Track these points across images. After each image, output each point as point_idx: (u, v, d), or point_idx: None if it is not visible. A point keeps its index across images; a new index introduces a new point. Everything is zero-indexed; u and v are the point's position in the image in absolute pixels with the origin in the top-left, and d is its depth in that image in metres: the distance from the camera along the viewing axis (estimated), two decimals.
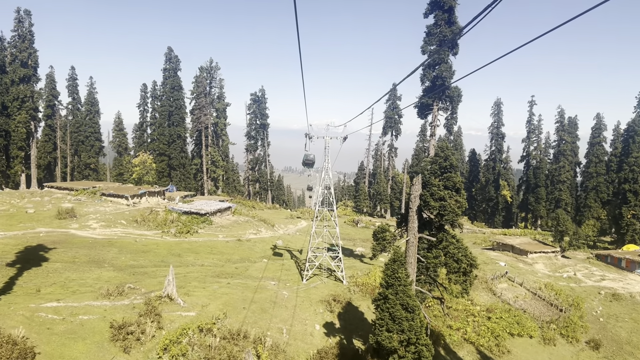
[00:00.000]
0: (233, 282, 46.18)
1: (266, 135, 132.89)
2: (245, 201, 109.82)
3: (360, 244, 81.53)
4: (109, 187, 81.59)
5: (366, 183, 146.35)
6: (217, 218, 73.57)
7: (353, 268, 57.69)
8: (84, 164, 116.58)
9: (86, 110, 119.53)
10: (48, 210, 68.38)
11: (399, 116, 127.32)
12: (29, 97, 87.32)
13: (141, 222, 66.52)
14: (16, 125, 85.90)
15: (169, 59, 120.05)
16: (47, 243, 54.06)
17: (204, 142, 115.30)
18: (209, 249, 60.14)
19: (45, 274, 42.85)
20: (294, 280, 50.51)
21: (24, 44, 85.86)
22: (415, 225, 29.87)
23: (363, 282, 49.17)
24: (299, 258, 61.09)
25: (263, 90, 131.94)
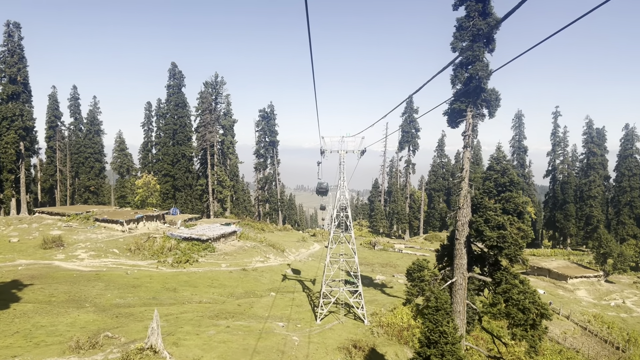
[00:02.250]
0: (234, 324, 38.81)
1: (276, 153, 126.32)
2: (254, 223, 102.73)
3: (380, 270, 73.82)
4: (103, 211, 75.12)
5: (382, 201, 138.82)
6: (220, 244, 66.48)
7: (375, 302, 50.04)
8: (83, 186, 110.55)
9: (86, 130, 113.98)
10: (34, 239, 61.88)
11: (416, 130, 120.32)
12: (18, 115, 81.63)
13: (135, 251, 59.62)
14: (4, 147, 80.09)
15: (172, 75, 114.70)
16: (23, 278, 47.32)
17: (209, 161, 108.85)
18: (209, 282, 52.92)
19: (10, 320, 35.89)
20: (306, 319, 43.01)
21: (13, 58, 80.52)
22: (464, 262, 22.48)
23: (388, 322, 41.47)
24: (312, 290, 53.61)
25: (272, 107, 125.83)
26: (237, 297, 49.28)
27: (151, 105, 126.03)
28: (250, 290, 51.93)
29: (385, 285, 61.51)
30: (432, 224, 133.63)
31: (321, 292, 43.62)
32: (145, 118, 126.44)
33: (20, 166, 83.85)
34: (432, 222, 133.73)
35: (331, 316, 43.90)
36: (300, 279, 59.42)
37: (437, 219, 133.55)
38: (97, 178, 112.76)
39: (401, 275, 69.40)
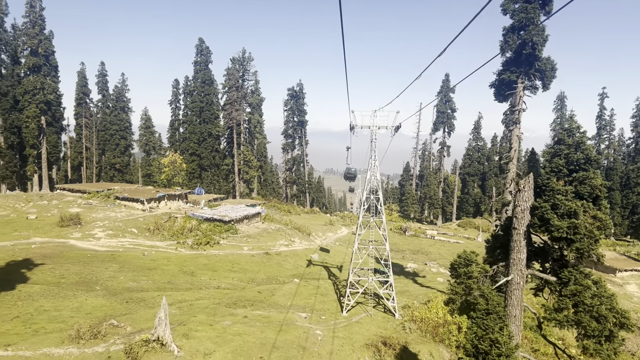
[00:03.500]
0: (252, 314, 35.50)
1: (304, 134, 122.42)
2: (280, 205, 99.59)
3: (411, 257, 69.64)
4: (125, 189, 72.89)
5: (413, 185, 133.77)
6: (243, 226, 63.37)
7: (406, 293, 46.03)
8: (109, 163, 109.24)
9: (112, 106, 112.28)
10: (52, 216, 59.96)
11: (452, 110, 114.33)
12: (39, 88, 79.85)
13: (154, 231, 57.03)
14: (25, 121, 78.55)
15: (199, 51, 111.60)
16: (35, 257, 45.07)
17: (235, 140, 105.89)
18: (229, 265, 49.83)
19: (13, 303, 33.38)
20: (331, 310, 39.39)
21: (34, 29, 78.52)
22: (522, 257, 18.29)
23: (422, 317, 37.44)
24: (338, 278, 49.97)
25: (301, 85, 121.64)
26: (258, 283, 46.03)
27: (179, 82, 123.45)
28: (272, 276, 48.63)
29: (417, 274, 57.41)
30: (465, 210, 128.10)
31: (348, 281, 39.89)
32: (173, 96, 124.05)
33: (42, 141, 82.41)
34: (466, 208, 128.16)
35: (358, 308, 40.20)
36: (326, 265, 55.86)
37: (470, 205, 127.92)
38: (122, 156, 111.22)
39: (434, 264, 65.14)
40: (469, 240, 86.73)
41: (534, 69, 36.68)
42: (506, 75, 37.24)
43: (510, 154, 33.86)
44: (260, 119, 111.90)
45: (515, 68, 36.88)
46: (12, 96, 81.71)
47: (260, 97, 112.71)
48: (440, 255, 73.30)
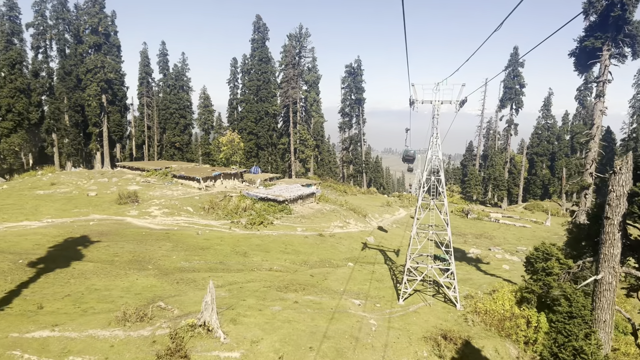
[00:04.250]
0: (303, 299, 33.86)
1: (362, 112, 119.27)
2: (336, 185, 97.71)
3: (473, 242, 65.95)
4: (182, 167, 73.29)
5: (476, 166, 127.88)
6: (297, 206, 61.97)
7: (468, 282, 42.99)
8: (169, 142, 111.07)
9: (171, 85, 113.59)
10: (111, 194, 60.92)
11: (520, 85, 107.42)
12: (100, 67, 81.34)
13: (209, 210, 56.66)
14: (86, 99, 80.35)
15: (257, 28, 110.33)
16: (92, 234, 45.56)
17: (291, 118, 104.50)
18: (282, 247, 48.53)
19: (66, 280, 33.45)
20: (387, 298, 37.14)
21: (95, 8, 79.72)
22: (616, 252, 15.22)
23: (486, 309, 34.38)
24: (395, 263, 47.54)
25: (359, 61, 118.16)
26: (310, 265, 44.44)
27: (237, 61, 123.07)
28: (325, 259, 46.90)
29: (481, 261, 53.97)
30: (532, 192, 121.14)
31: (405, 267, 37.37)
32: (231, 74, 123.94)
33: (103, 120, 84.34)
34: (533, 190, 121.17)
35: (416, 296, 37.68)
36: (382, 248, 53.50)
37: (538, 187, 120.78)
38: (182, 134, 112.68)
39: (498, 249, 61.31)
40: (536, 225, 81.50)
41: (623, 34, 32.04)
42: (589, 42, 32.77)
43: (592, 131, 29.98)
44: (316, 97, 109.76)
45: (601, 33, 32.41)
46: (75, 75, 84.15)
47: (317, 74, 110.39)
48: (506, 240, 69.06)
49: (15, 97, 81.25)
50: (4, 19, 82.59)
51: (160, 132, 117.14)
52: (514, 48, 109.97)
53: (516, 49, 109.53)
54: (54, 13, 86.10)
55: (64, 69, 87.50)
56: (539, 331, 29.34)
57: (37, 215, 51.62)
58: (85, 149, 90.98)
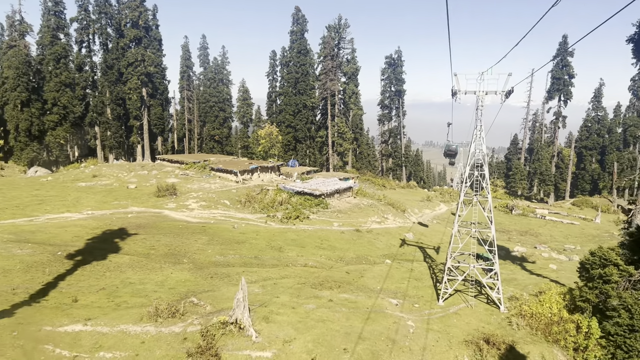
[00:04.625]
0: (338, 297, 32.81)
1: (402, 104, 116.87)
2: (374, 178, 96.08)
3: (518, 239, 63.28)
4: (220, 160, 73.42)
5: (521, 159, 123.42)
6: (334, 200, 60.88)
7: (513, 282, 40.91)
8: (208, 135, 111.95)
9: (211, 78, 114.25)
10: (150, 186, 61.52)
11: (569, 76, 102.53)
12: (140, 60, 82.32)
13: (245, 203, 56.35)
14: (127, 93, 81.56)
15: (296, 20, 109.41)
16: (130, 227, 45.86)
17: (329, 111, 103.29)
18: (318, 242, 47.59)
19: (102, 273, 33.55)
20: (426, 298, 35.64)
21: (135, 2, 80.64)
22: None
23: (532, 312, 32.40)
24: (435, 261, 45.83)
25: (400, 52, 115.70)
26: (346, 262, 43.33)
27: (276, 53, 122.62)
28: (362, 255, 45.68)
29: (526, 259, 51.52)
30: (580, 187, 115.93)
31: (446, 266, 35.74)
32: (270, 67, 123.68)
33: (143, 113, 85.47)
34: (581, 185, 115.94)
35: (457, 296, 36.01)
36: (421, 245, 51.78)
37: (587, 182, 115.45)
38: (221, 127, 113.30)
39: (544, 247, 58.56)
40: (585, 222, 77.65)
41: None
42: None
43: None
44: (355, 89, 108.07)
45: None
46: (117, 69, 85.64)
47: (356, 66, 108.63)
48: (552, 237, 65.94)
49: (61, 91, 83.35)
50: (50, 14, 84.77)
51: (200, 125, 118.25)
52: (562, 37, 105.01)
53: (565, 37, 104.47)
54: (97, 7, 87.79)
55: (106, 63, 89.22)
56: (589, 337, 27.26)
57: (78, 207, 52.50)
58: (127, 141, 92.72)
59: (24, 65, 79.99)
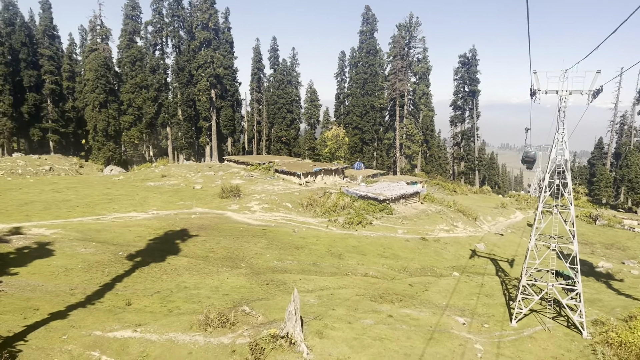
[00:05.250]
0: (399, 313, 30.49)
1: (475, 105, 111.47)
2: (445, 183, 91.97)
3: (603, 254, 57.67)
4: (284, 162, 72.81)
5: (607, 165, 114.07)
6: (399, 206, 58.23)
7: (597, 303, 36.70)
8: (276, 136, 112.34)
9: (279, 79, 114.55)
10: (215, 187, 61.78)
11: None
12: (209, 62, 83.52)
13: (307, 207, 55.10)
14: (196, 94, 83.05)
15: (365, 20, 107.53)
16: (192, 228, 45.84)
17: (398, 112, 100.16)
18: (380, 250, 45.33)
19: (158, 276, 33.23)
20: (497, 317, 32.46)
21: (205, 4, 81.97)
22: None
23: (621, 341, 28.46)
24: (509, 276, 42.20)
25: (474, 51, 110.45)
26: (410, 273, 40.76)
27: (345, 54, 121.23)
28: (427, 266, 42.88)
29: (612, 277, 46.46)
30: None
31: (520, 283, 32.39)
32: (339, 68, 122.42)
33: (212, 114, 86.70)
34: None
35: (532, 317, 32.55)
36: (493, 257, 48.06)
37: None
38: (288, 129, 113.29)
39: (634, 263, 52.87)
40: None
41: None
42: None
43: None
44: (426, 89, 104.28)
45: None
46: (188, 71, 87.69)
47: (427, 65, 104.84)
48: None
49: (135, 93, 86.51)
50: (127, 17, 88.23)
51: (268, 127, 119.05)
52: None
53: None
54: (170, 11, 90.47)
55: (177, 65, 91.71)
56: None
57: (144, 206, 53.43)
58: (197, 142, 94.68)
59: (102, 67, 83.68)
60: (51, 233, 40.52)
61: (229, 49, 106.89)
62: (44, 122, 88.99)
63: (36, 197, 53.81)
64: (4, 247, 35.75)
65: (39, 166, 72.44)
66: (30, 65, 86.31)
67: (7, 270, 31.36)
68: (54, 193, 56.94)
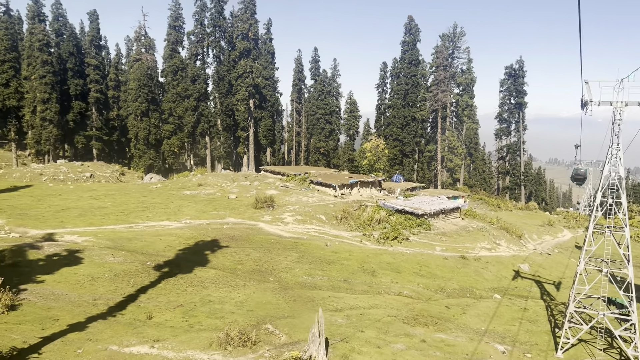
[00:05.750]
0: (433, 338, 28.43)
1: (522, 118, 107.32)
2: (488, 198, 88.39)
3: None
4: (320, 173, 71.54)
5: None
6: (439, 221, 55.76)
7: None
8: (314, 147, 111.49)
9: (319, 90, 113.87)
10: (249, 197, 61.09)
11: None
12: (248, 72, 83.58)
13: (341, 220, 53.52)
14: (235, 104, 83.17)
15: (408, 30, 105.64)
16: (223, 239, 45.06)
17: (439, 124, 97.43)
18: (416, 267, 43.14)
19: (184, 288, 32.37)
20: (541, 345, 29.88)
21: (246, 14, 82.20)
22: None
23: None
24: (554, 300, 39.23)
25: (521, 62, 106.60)
26: (447, 293, 38.44)
27: (386, 65, 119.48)
28: (466, 287, 40.40)
29: None
30: None
31: (568, 310, 29.72)
32: (380, 79, 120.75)
33: (250, 124, 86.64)
34: None
35: (580, 348, 29.78)
36: (538, 279, 45.00)
37: None
38: (327, 140, 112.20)
39: None
40: None
41: None
42: None
43: None
44: (470, 100, 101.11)
45: None
46: (227, 81, 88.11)
47: (471, 76, 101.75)
48: None
49: (176, 102, 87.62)
50: (170, 28, 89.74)
51: (307, 138, 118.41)
52: None
53: None
54: (212, 21, 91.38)
55: (218, 75, 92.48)
56: None
57: (178, 215, 53.21)
58: (235, 152, 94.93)
59: (145, 77, 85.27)
60: (83, 240, 40.54)
61: (270, 60, 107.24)
62: (88, 130, 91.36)
63: (73, 204, 54.51)
64: (35, 253, 35.83)
65: (80, 173, 74.00)
66: (76, 74, 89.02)
67: (33, 278, 31.24)
68: (91, 200, 57.63)
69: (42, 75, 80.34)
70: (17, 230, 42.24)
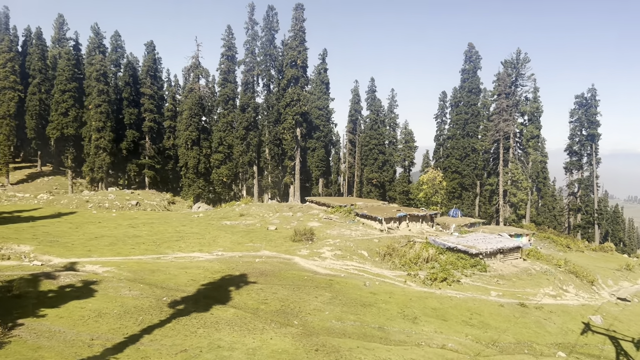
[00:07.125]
0: None
1: (595, 150, 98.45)
2: (557, 237, 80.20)
3: None
4: (366, 205, 67.04)
5: None
6: (496, 262, 49.68)
7: None
8: (366, 178, 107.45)
9: (373, 120, 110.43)
10: (289, 229, 57.73)
11: None
12: (295, 100, 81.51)
13: (385, 256, 48.80)
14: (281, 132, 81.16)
15: (468, 58, 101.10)
16: (252, 273, 41.63)
17: (502, 155, 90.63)
18: (466, 315, 37.61)
19: (194, 330, 28.91)
20: None
21: (295, 41, 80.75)
22: None
23: None
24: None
25: (593, 90, 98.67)
26: (500, 348, 32.71)
27: (446, 95, 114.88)
28: (524, 341, 34.40)
29: None
30: None
31: None
32: (439, 109, 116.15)
33: (296, 153, 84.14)
34: None
35: None
36: (614, 334, 37.97)
37: None
38: (380, 170, 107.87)
39: None
40: None
41: None
42: None
43: None
44: (535, 131, 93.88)
45: None
46: (276, 109, 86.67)
47: (537, 105, 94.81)
48: None
49: (226, 131, 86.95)
50: (222, 57, 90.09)
51: (360, 169, 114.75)
52: None
53: None
54: (262, 49, 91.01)
55: (267, 103, 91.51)
56: None
57: (211, 246, 50.62)
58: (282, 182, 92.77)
59: (196, 106, 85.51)
60: (103, 271, 38.41)
61: (324, 90, 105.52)
62: (141, 159, 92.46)
63: (108, 232, 53.28)
64: (48, 284, 33.82)
65: (127, 200, 73.90)
66: (132, 104, 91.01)
67: (36, 312, 28.88)
68: (129, 228, 56.33)
69: (97, 104, 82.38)
70: (41, 258, 40.90)
